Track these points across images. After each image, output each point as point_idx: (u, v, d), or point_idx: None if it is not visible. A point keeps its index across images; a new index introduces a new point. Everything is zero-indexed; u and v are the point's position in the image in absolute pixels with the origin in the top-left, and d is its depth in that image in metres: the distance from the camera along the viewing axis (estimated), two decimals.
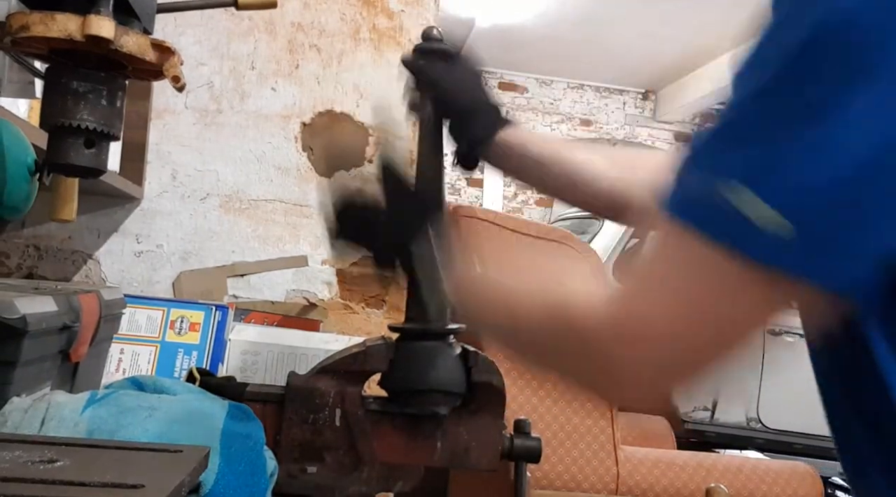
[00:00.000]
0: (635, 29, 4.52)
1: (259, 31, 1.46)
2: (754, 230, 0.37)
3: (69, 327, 0.68)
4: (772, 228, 0.37)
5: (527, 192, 5.95)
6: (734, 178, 0.38)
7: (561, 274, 0.82)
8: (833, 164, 0.36)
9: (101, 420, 0.52)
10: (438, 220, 0.68)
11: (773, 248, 0.38)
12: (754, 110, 0.39)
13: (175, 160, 1.43)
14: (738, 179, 0.37)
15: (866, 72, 0.37)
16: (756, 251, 0.38)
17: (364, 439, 0.63)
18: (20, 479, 0.37)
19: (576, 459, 1.17)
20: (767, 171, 0.37)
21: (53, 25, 0.47)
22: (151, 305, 1.18)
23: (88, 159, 0.52)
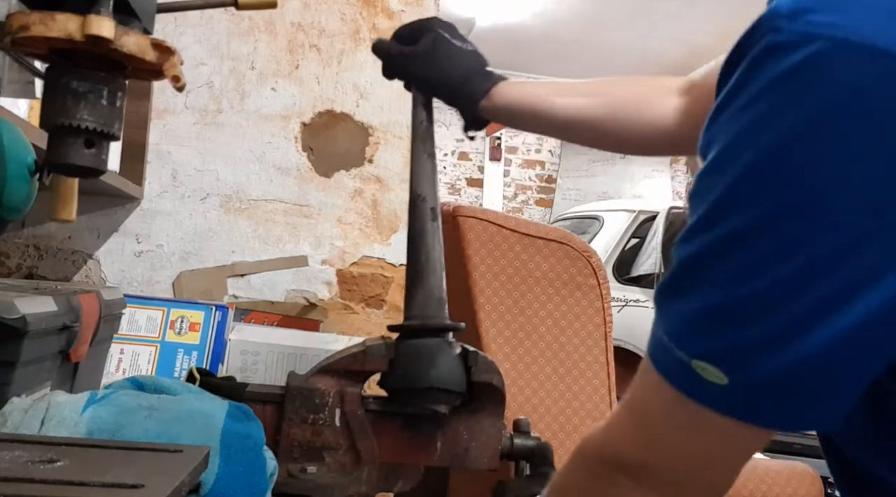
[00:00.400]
0: (635, 29, 4.52)
1: (259, 31, 1.46)
2: (715, 387, 0.40)
3: (69, 327, 0.68)
4: (732, 389, 0.40)
5: (526, 192, 5.95)
6: (706, 361, 0.40)
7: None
8: (795, 354, 0.38)
9: (101, 420, 0.52)
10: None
11: (737, 405, 0.41)
12: (725, 278, 0.39)
13: (175, 160, 1.43)
14: (710, 362, 0.40)
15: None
16: (719, 406, 0.41)
17: (364, 439, 0.63)
18: (20, 478, 0.37)
19: None
20: (737, 362, 0.40)
21: (53, 25, 0.47)
22: (151, 305, 1.19)
23: (88, 159, 0.52)
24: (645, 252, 3.46)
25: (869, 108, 0.35)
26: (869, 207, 0.35)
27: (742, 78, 0.38)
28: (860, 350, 0.38)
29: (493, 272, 1.20)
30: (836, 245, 0.36)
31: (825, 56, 0.35)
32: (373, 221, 1.49)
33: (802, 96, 0.36)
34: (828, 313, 0.37)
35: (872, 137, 0.35)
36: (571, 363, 1.19)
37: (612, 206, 3.93)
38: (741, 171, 0.38)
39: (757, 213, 0.37)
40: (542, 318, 1.20)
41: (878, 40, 0.34)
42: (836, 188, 0.36)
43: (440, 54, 0.77)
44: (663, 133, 0.75)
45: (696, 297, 0.41)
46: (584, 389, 1.18)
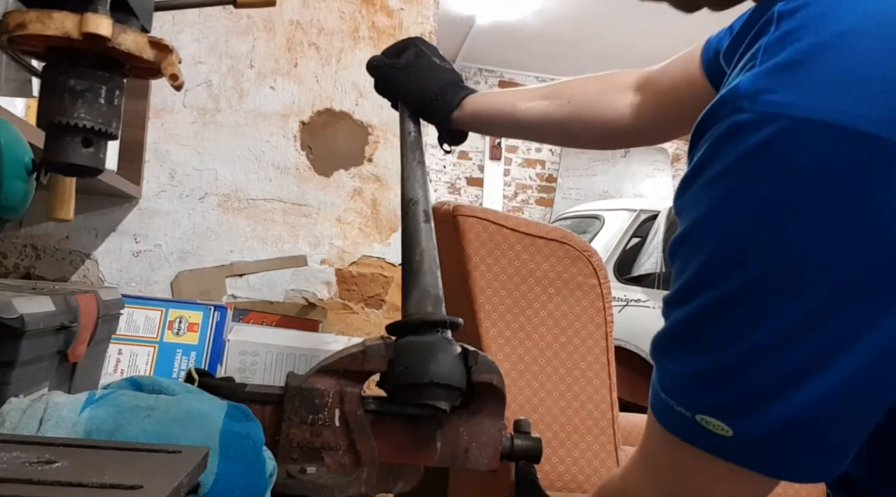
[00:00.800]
0: (635, 26, 4.52)
1: (258, 30, 1.46)
2: (722, 438, 0.42)
3: (67, 327, 0.68)
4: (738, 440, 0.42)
5: (527, 192, 5.95)
6: (709, 415, 0.42)
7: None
8: (794, 407, 0.40)
9: (99, 420, 0.52)
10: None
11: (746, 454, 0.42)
12: (721, 340, 0.41)
13: (173, 159, 1.43)
14: (713, 416, 0.42)
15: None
16: (727, 455, 0.42)
17: (364, 440, 0.63)
18: (17, 479, 0.37)
19: (576, 460, 1.17)
20: (739, 416, 0.41)
21: (50, 23, 0.47)
22: (149, 305, 1.18)
23: (86, 158, 0.52)
24: (646, 251, 3.46)
25: (831, 184, 0.36)
26: (835, 277, 0.37)
27: (709, 153, 0.40)
28: (854, 402, 0.40)
29: (493, 272, 1.20)
30: (809, 310, 0.38)
31: (787, 135, 0.37)
32: (372, 221, 1.49)
33: (768, 174, 0.38)
34: (813, 371, 0.39)
35: (835, 210, 0.37)
36: (572, 363, 1.19)
37: (613, 206, 3.93)
38: (721, 241, 0.40)
39: (740, 280, 0.39)
40: (543, 318, 1.19)
41: (835, 118, 0.36)
42: (803, 259, 0.38)
43: (420, 68, 0.83)
44: (621, 128, 0.81)
45: (690, 358, 0.43)
46: (584, 390, 1.18)
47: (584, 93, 0.82)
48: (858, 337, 0.38)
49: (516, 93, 0.85)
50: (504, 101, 0.84)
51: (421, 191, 0.74)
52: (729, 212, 0.39)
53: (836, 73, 0.37)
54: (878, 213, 0.36)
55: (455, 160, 5.80)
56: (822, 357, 0.39)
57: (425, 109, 0.83)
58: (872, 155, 0.36)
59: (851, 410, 0.41)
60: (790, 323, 0.39)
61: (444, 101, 0.82)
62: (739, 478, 0.43)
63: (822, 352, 0.39)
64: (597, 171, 5.72)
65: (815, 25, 0.38)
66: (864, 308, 0.38)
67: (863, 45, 0.37)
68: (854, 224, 0.37)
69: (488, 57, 5.38)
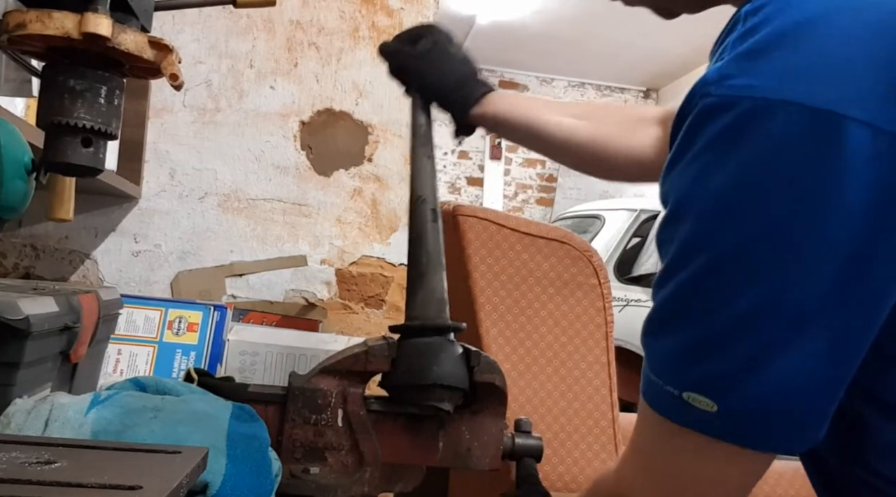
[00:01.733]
0: (636, 26, 4.52)
1: (258, 29, 1.45)
2: (707, 414, 0.43)
3: (70, 328, 0.68)
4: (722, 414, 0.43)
5: (527, 191, 5.94)
6: (695, 391, 0.43)
7: None
8: (776, 380, 0.42)
9: (106, 421, 0.52)
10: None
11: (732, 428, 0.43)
12: (704, 309, 0.43)
13: (173, 159, 1.43)
14: (698, 392, 0.43)
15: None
16: (713, 431, 0.44)
17: (366, 440, 0.63)
18: (16, 480, 0.36)
19: (577, 460, 1.17)
20: (721, 389, 0.43)
21: (50, 23, 0.47)
22: (149, 305, 1.18)
23: (86, 158, 0.52)
24: (646, 251, 3.46)
25: (792, 156, 0.39)
26: (805, 244, 0.40)
27: (685, 137, 0.44)
28: (832, 368, 0.42)
29: (493, 272, 1.20)
30: (783, 279, 0.40)
31: (750, 114, 0.40)
32: (372, 220, 1.48)
33: (736, 151, 0.41)
34: (791, 340, 0.41)
35: (800, 181, 0.40)
36: (572, 363, 1.19)
37: (614, 205, 3.92)
38: (696, 217, 0.43)
39: (715, 252, 0.42)
40: (543, 318, 1.19)
41: (794, 97, 0.39)
42: (773, 229, 0.40)
43: (437, 57, 0.81)
44: (645, 162, 0.81)
45: (675, 334, 0.44)
46: (584, 390, 1.18)
47: (615, 121, 0.82)
48: (832, 301, 0.40)
49: (544, 105, 0.83)
50: (531, 112, 0.81)
51: (430, 188, 0.72)
52: (703, 189, 0.42)
53: (793, 57, 0.40)
54: (838, 181, 0.39)
55: (455, 160, 5.80)
56: (799, 325, 0.40)
57: (442, 101, 0.81)
58: (828, 129, 0.39)
59: (830, 376, 0.42)
60: (766, 292, 0.41)
61: (462, 95, 0.80)
62: (729, 456, 0.44)
63: (799, 320, 0.40)
64: None
65: (773, 17, 0.42)
66: (833, 274, 0.39)
67: (817, 33, 0.41)
68: (817, 193, 0.39)
69: (488, 56, 5.38)
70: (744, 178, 0.41)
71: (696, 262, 0.42)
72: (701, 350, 0.43)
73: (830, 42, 0.40)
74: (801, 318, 0.41)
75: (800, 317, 0.41)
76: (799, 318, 0.41)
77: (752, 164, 0.40)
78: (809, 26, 0.41)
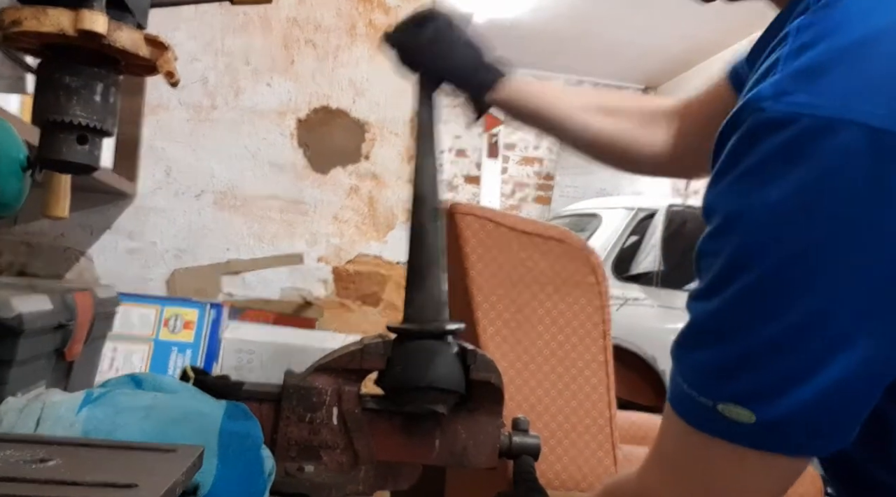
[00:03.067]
0: (634, 24, 4.52)
1: (254, 27, 1.45)
2: (744, 426, 0.44)
3: (64, 326, 0.68)
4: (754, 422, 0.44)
5: (524, 190, 5.94)
6: (732, 403, 0.44)
7: None
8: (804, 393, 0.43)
9: (97, 420, 0.52)
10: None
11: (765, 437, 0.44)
12: (740, 328, 0.44)
13: (169, 156, 1.43)
14: (735, 404, 0.44)
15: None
16: (750, 442, 0.45)
17: (361, 438, 0.63)
18: (11, 478, 0.36)
19: (574, 458, 1.17)
20: (761, 402, 0.44)
21: (45, 20, 0.46)
22: (145, 303, 1.18)
23: (81, 156, 0.52)
24: (644, 250, 3.46)
25: (849, 174, 0.40)
26: (853, 264, 0.41)
27: (735, 151, 0.44)
28: (868, 379, 0.43)
29: (490, 270, 1.20)
30: (830, 296, 0.41)
31: (809, 132, 0.41)
32: (369, 218, 1.48)
33: (793, 168, 0.41)
34: (833, 355, 0.42)
35: (854, 199, 0.41)
36: (570, 362, 1.19)
37: (611, 204, 3.93)
38: (749, 231, 0.43)
39: (767, 266, 0.42)
40: (541, 317, 1.19)
41: (851, 116, 0.40)
42: (824, 248, 0.41)
43: (450, 41, 0.79)
44: (657, 157, 0.81)
45: (716, 347, 0.45)
46: (582, 388, 1.18)
47: (632, 115, 0.82)
48: (879, 316, 0.41)
49: (567, 96, 0.83)
50: (556, 103, 0.81)
51: (431, 186, 0.71)
52: (758, 203, 0.42)
53: (855, 76, 0.41)
54: (893, 200, 0.40)
55: (453, 158, 5.80)
56: (845, 339, 0.42)
57: (459, 86, 0.80)
58: (891, 149, 0.40)
59: (865, 387, 0.44)
60: (815, 307, 0.42)
61: (482, 78, 0.79)
62: (763, 464, 0.45)
63: (845, 334, 0.42)
64: (594, 169, 5.72)
65: (830, 34, 0.43)
66: (883, 289, 0.41)
67: (878, 51, 0.42)
68: (875, 212, 0.40)
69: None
70: (801, 194, 0.41)
71: (746, 277, 0.43)
72: (741, 364, 0.44)
73: (890, 63, 0.41)
74: (847, 333, 0.42)
75: (846, 332, 0.42)
76: (845, 332, 0.42)
77: (811, 181, 0.41)
78: (870, 44, 0.42)
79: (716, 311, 0.45)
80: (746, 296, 0.43)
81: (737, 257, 0.44)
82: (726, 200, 0.44)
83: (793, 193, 0.41)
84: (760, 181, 0.42)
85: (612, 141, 0.81)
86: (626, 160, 0.84)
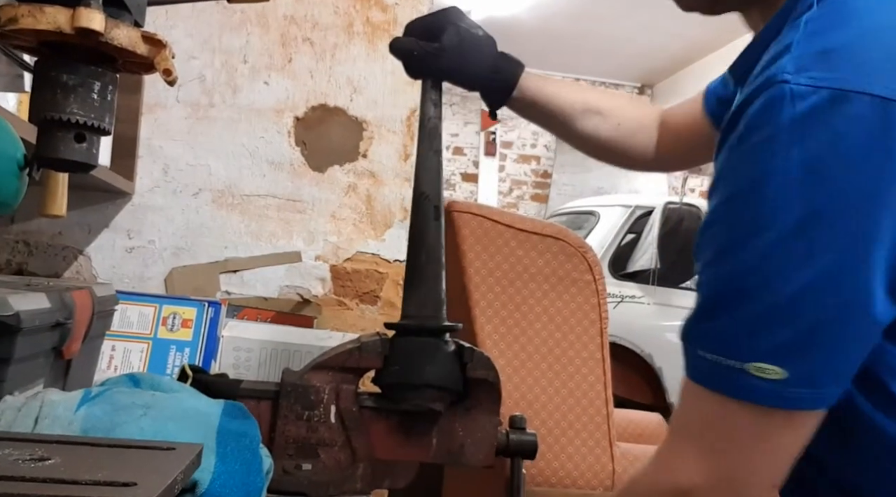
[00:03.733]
0: (631, 22, 4.52)
1: (251, 25, 1.45)
2: (774, 383, 0.47)
3: (62, 324, 0.68)
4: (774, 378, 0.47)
5: (522, 188, 5.95)
6: (763, 360, 0.47)
7: None
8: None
9: (95, 418, 0.52)
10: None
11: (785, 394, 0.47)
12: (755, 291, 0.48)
13: (166, 155, 1.42)
14: (767, 361, 0.47)
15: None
16: (781, 399, 0.47)
17: (359, 436, 0.63)
18: (10, 476, 0.36)
19: (571, 456, 1.17)
20: (791, 355, 0.47)
21: (42, 18, 0.46)
22: (143, 302, 1.18)
23: (79, 154, 0.52)
24: (641, 247, 3.46)
25: (863, 140, 0.46)
26: (871, 216, 0.45)
27: (754, 121, 0.48)
28: (880, 326, 0.47)
29: (488, 268, 1.20)
30: (858, 242, 0.45)
31: (828, 102, 0.46)
32: (367, 217, 1.48)
33: (814, 133, 0.46)
34: (861, 302, 0.46)
35: (870, 159, 0.46)
36: (567, 359, 1.19)
37: (608, 201, 3.93)
38: (772, 194, 0.46)
39: (786, 226, 0.46)
40: (538, 314, 1.19)
41: (866, 88, 0.46)
42: (843, 202, 0.46)
43: (466, 48, 0.78)
44: (648, 158, 0.91)
45: (739, 309, 0.47)
46: (579, 386, 1.18)
47: (628, 120, 0.90)
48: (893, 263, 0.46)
49: (570, 91, 0.89)
50: (562, 106, 0.87)
51: (434, 184, 0.70)
52: (780, 167, 0.46)
53: (863, 57, 0.48)
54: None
55: (450, 156, 5.80)
56: (867, 289, 0.45)
57: (480, 88, 0.82)
58: (893, 116, 0.46)
59: (877, 331, 0.48)
60: (839, 258, 0.45)
61: (501, 80, 0.82)
62: (787, 422, 0.48)
63: (867, 283, 0.45)
64: (591, 167, 5.73)
65: (841, 26, 0.50)
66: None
67: (881, 39, 0.49)
68: (886, 167, 0.45)
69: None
70: (819, 156, 0.46)
71: (768, 235, 0.46)
72: (772, 318, 0.47)
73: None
74: (868, 282, 0.45)
75: (867, 281, 0.45)
76: (867, 281, 0.45)
77: (826, 144, 0.46)
78: (878, 33, 0.49)
79: (737, 271, 0.48)
80: (770, 252, 0.46)
81: (757, 217, 0.47)
82: (749, 164, 0.48)
83: (812, 156, 0.46)
84: (785, 144, 0.46)
85: (615, 144, 0.89)
86: (624, 160, 0.92)
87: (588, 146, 0.91)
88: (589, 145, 0.90)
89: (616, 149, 0.90)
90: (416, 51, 0.77)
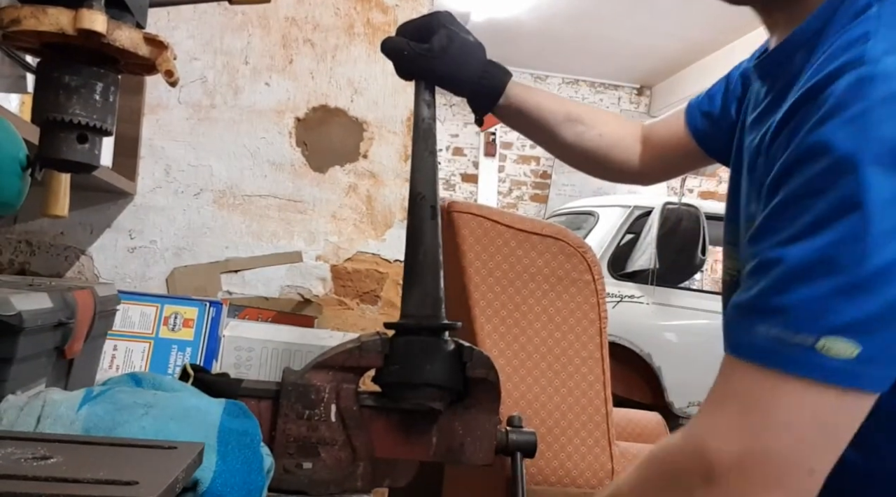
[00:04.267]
0: (630, 24, 4.52)
1: (252, 26, 1.45)
2: (844, 361, 0.47)
3: (64, 324, 0.68)
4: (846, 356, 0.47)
5: (521, 188, 5.95)
6: (837, 334, 0.47)
7: None
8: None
9: (97, 418, 0.52)
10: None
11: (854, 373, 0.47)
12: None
13: (168, 155, 1.43)
14: (840, 335, 0.47)
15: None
16: (848, 378, 0.47)
17: (359, 435, 0.63)
18: (13, 475, 0.37)
19: (570, 455, 1.18)
20: (868, 330, 0.47)
21: (45, 19, 0.47)
22: (145, 301, 1.18)
23: (81, 154, 0.52)
24: (640, 247, 3.47)
25: None
26: None
27: (846, 97, 0.49)
28: None
29: (487, 268, 1.20)
30: None
31: None
32: (367, 217, 1.49)
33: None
34: None
35: None
36: (566, 359, 1.19)
37: (607, 202, 3.93)
38: (865, 169, 0.47)
39: (881, 201, 0.46)
40: (538, 314, 1.20)
41: None
42: None
43: (455, 52, 0.78)
44: (632, 171, 0.93)
45: (824, 282, 0.47)
46: (578, 385, 1.18)
47: (611, 131, 0.91)
48: None
49: (557, 104, 0.89)
50: (546, 115, 0.88)
51: (430, 185, 0.71)
52: (874, 143, 0.47)
53: None
54: None
55: (450, 156, 5.80)
56: None
57: (467, 93, 0.82)
58: None
59: None
60: None
61: (488, 86, 0.82)
62: (843, 402, 0.47)
63: None
64: None
65: None
66: None
67: None
68: None
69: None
70: None
71: (862, 210, 0.46)
72: (855, 292, 0.46)
73: None
74: None
75: None
76: None
77: None
78: None
79: (828, 244, 0.47)
80: (859, 226, 0.46)
81: (850, 193, 0.47)
82: (840, 140, 0.48)
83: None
84: (874, 122, 0.47)
85: (597, 155, 0.91)
86: (608, 172, 0.94)
87: (571, 155, 0.92)
88: (572, 154, 0.91)
89: (598, 158, 0.91)
90: (407, 51, 0.78)
